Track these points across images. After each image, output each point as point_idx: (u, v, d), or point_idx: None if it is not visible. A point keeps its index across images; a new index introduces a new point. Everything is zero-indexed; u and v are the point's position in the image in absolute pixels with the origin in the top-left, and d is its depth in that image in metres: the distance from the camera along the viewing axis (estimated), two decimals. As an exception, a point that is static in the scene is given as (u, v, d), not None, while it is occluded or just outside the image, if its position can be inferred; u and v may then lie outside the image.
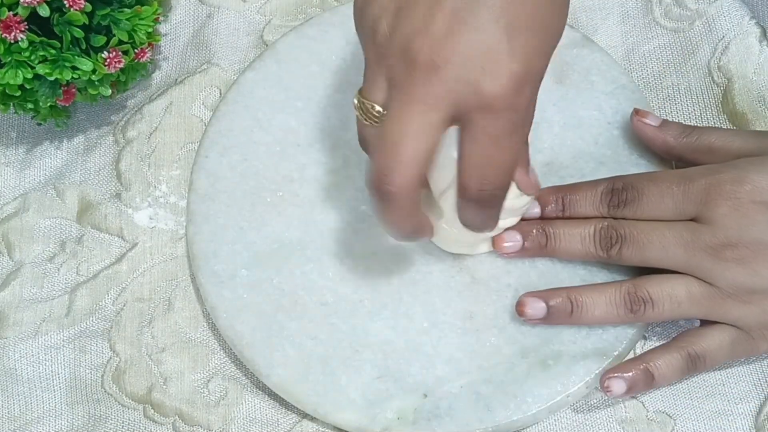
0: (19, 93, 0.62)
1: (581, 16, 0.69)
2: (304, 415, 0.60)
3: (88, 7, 0.61)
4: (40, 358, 0.62)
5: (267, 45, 0.70)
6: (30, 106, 0.63)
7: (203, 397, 0.61)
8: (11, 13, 0.59)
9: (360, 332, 0.60)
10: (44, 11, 0.60)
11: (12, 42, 0.60)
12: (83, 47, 0.62)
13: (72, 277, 0.64)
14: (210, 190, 0.64)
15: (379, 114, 0.51)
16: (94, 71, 0.62)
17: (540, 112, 0.53)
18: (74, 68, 0.61)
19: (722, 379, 0.60)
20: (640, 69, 0.68)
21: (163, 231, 0.65)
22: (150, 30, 0.64)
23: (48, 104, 0.63)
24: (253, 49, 0.70)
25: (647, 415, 0.59)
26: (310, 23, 0.68)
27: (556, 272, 0.61)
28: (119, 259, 0.64)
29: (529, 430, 0.59)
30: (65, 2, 0.60)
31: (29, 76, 0.61)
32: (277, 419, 0.60)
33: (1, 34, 0.59)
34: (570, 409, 0.60)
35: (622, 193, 0.59)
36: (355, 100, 0.52)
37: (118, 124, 0.68)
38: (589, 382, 0.59)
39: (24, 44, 0.60)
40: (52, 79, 0.61)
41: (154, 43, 0.65)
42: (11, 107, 0.64)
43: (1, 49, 0.60)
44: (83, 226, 0.65)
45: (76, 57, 0.61)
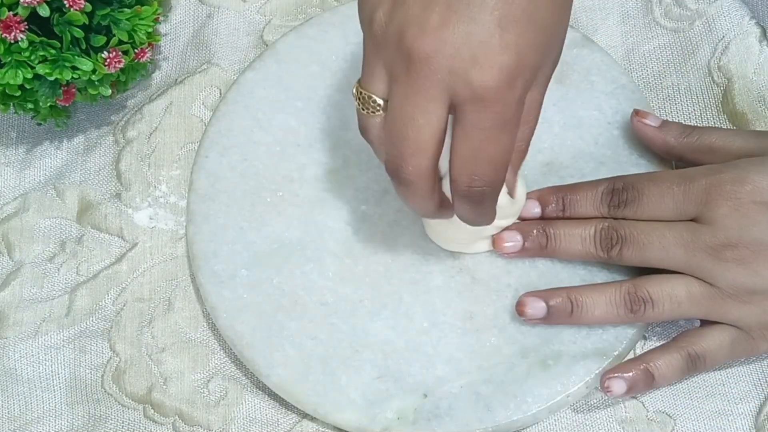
0: (19, 93, 0.62)
1: (581, 16, 0.69)
2: (304, 415, 0.60)
3: (88, 7, 0.61)
4: (40, 358, 0.62)
5: (267, 45, 0.70)
6: (30, 106, 0.63)
7: (203, 397, 0.61)
8: (11, 13, 0.59)
9: (360, 332, 0.60)
10: (44, 11, 0.60)
11: (12, 42, 0.60)
12: (83, 47, 0.62)
13: (72, 277, 0.64)
14: (210, 190, 0.64)
15: (376, 104, 0.51)
16: (94, 71, 0.62)
17: (540, 112, 0.53)
18: (74, 68, 0.61)
19: (722, 379, 0.60)
20: (640, 69, 0.68)
21: (163, 231, 0.65)
22: (150, 30, 0.64)
23: (48, 104, 0.63)
24: (253, 49, 0.70)
25: (647, 415, 0.59)
26: (310, 23, 0.68)
27: (556, 272, 0.61)
28: (119, 259, 0.64)
29: (529, 430, 0.59)
30: (65, 2, 0.60)
31: (29, 76, 0.61)
32: (277, 419, 0.60)
33: (1, 34, 0.59)
34: (570, 409, 0.59)
35: (623, 194, 0.59)
36: (353, 90, 0.52)
37: (118, 124, 0.68)
38: (589, 382, 0.59)
39: (24, 44, 0.60)
40: (52, 79, 0.61)
41: (154, 43, 0.65)
42: (11, 107, 0.64)
43: (1, 49, 0.60)
44: (83, 226, 0.65)
45: (76, 57, 0.61)
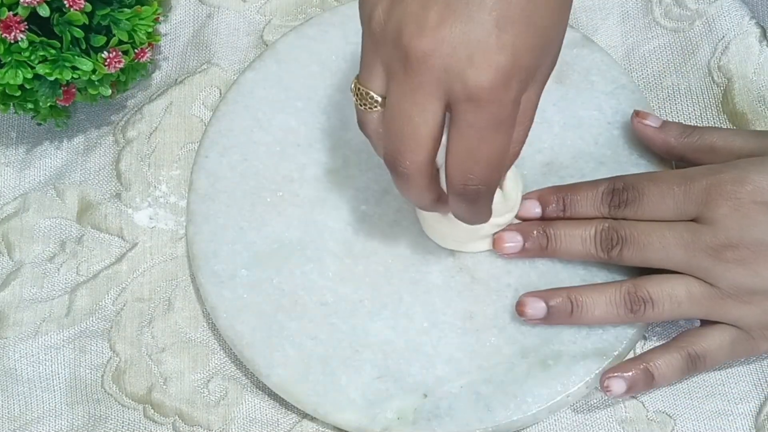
0: (19, 93, 0.62)
1: (581, 16, 0.69)
2: (304, 415, 0.60)
3: (88, 7, 0.61)
4: (40, 358, 0.62)
5: (267, 45, 0.69)
6: (30, 106, 0.63)
7: (203, 397, 0.61)
8: (11, 13, 0.59)
9: (360, 332, 0.60)
10: (44, 11, 0.60)
11: (12, 42, 0.60)
12: (83, 47, 0.62)
13: (72, 277, 0.64)
14: (210, 190, 0.64)
15: (374, 100, 0.51)
16: (94, 71, 0.62)
17: (540, 112, 0.53)
18: (74, 68, 0.61)
19: (722, 379, 0.60)
20: (640, 69, 0.68)
21: (163, 231, 0.65)
22: (150, 30, 0.64)
23: (48, 104, 0.63)
24: (253, 49, 0.70)
25: (647, 415, 0.59)
26: (310, 23, 0.68)
27: (556, 272, 0.61)
28: (119, 259, 0.64)
29: (529, 430, 0.59)
30: (65, 2, 0.60)
31: (29, 76, 0.61)
32: (277, 419, 0.60)
33: (1, 34, 0.59)
34: (570, 409, 0.59)
35: (623, 194, 0.59)
36: (351, 86, 0.52)
37: (118, 124, 0.68)
38: (589, 382, 0.59)
39: (24, 44, 0.60)
40: (52, 79, 0.61)
41: (154, 43, 0.65)
42: (11, 107, 0.64)
43: (1, 49, 0.60)
44: (83, 226, 0.65)
45: (76, 57, 0.61)
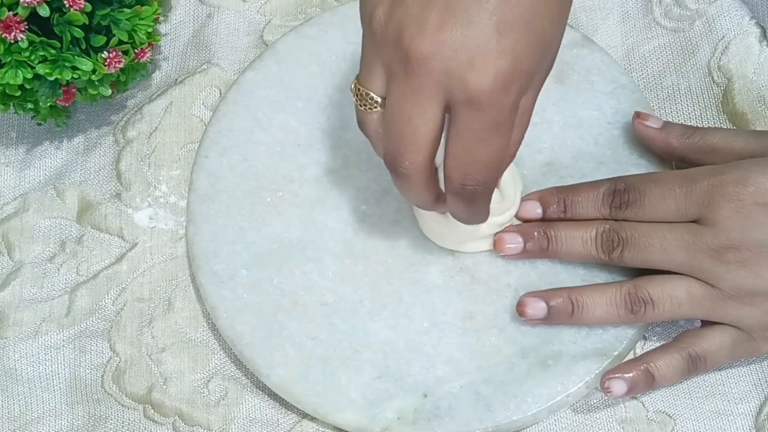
0: (19, 93, 0.62)
1: (581, 16, 0.69)
2: (304, 415, 0.60)
3: (88, 7, 0.61)
4: (40, 358, 0.62)
5: (267, 45, 0.69)
6: (30, 106, 0.63)
7: (203, 397, 0.61)
8: (11, 13, 0.59)
9: (360, 332, 0.60)
10: (44, 11, 0.60)
11: (12, 42, 0.60)
12: (83, 47, 0.62)
13: (72, 277, 0.64)
14: (210, 190, 0.64)
15: (374, 101, 0.51)
16: (94, 71, 0.62)
17: (540, 112, 0.53)
18: (74, 68, 0.61)
19: (722, 379, 0.60)
20: (640, 69, 0.68)
21: (163, 231, 0.65)
22: (150, 30, 0.64)
23: (48, 104, 0.63)
24: (253, 49, 0.70)
25: (647, 415, 0.59)
26: (310, 23, 0.68)
27: (556, 272, 0.61)
28: (119, 259, 0.64)
29: (529, 430, 0.59)
30: (65, 2, 0.60)
31: (29, 76, 0.61)
32: (277, 419, 0.60)
33: (1, 34, 0.59)
34: (570, 409, 0.59)
35: (624, 195, 0.59)
36: (352, 86, 0.53)
37: (118, 124, 0.68)
38: (589, 382, 0.59)
39: (24, 44, 0.60)
40: (52, 79, 0.61)
41: (154, 43, 0.65)
42: (11, 107, 0.64)
43: (1, 49, 0.60)
44: (83, 226, 0.65)
45: (76, 57, 0.61)
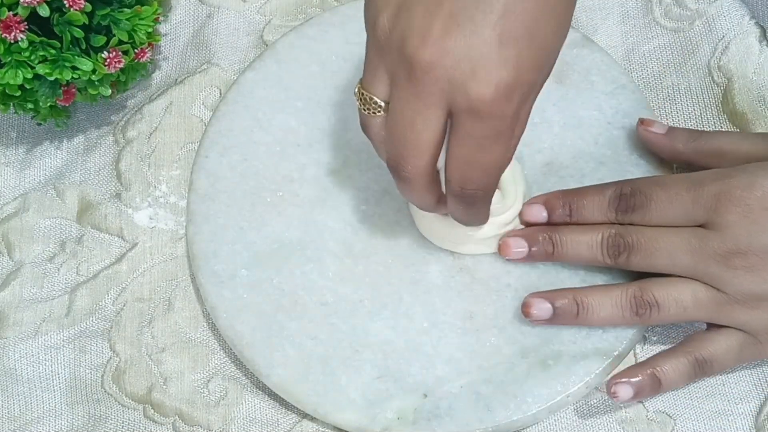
0: (19, 93, 0.62)
1: (581, 16, 0.69)
2: (304, 415, 0.60)
3: (88, 7, 0.61)
4: (40, 358, 0.62)
5: (267, 45, 0.69)
6: (30, 106, 0.63)
7: (203, 397, 0.61)
8: (11, 13, 0.59)
9: (360, 332, 0.60)
10: (44, 11, 0.60)
11: (12, 42, 0.60)
12: (83, 47, 0.62)
13: (72, 277, 0.64)
14: (210, 190, 0.64)
15: (377, 105, 0.52)
16: (94, 71, 0.62)
17: (540, 112, 0.53)
18: (74, 68, 0.61)
19: (722, 379, 0.60)
20: (640, 69, 0.68)
21: (163, 231, 0.65)
22: (150, 30, 0.64)
23: (48, 104, 0.63)
24: (253, 49, 0.70)
25: (647, 415, 0.59)
26: (310, 23, 0.68)
27: (556, 272, 0.61)
28: (119, 259, 0.64)
29: (529, 430, 0.59)
30: (65, 2, 0.60)
31: (29, 76, 0.61)
32: (277, 419, 0.60)
33: (1, 34, 0.59)
34: (570, 409, 0.59)
35: (630, 199, 0.58)
36: (355, 90, 0.53)
37: (118, 124, 0.68)
38: (589, 382, 0.59)
39: (24, 44, 0.60)
40: (52, 79, 0.61)
41: (154, 43, 0.65)
42: (11, 107, 0.64)
43: (1, 49, 0.60)
44: (83, 226, 0.65)
45: (76, 57, 0.61)
